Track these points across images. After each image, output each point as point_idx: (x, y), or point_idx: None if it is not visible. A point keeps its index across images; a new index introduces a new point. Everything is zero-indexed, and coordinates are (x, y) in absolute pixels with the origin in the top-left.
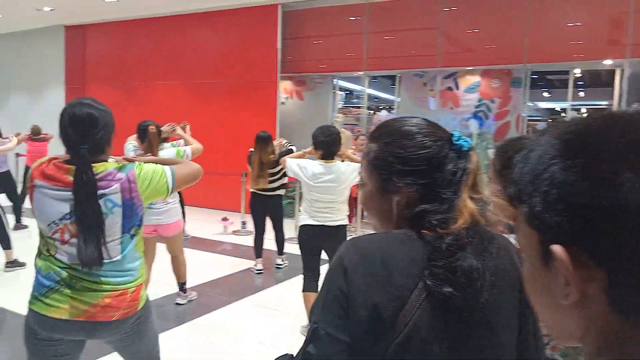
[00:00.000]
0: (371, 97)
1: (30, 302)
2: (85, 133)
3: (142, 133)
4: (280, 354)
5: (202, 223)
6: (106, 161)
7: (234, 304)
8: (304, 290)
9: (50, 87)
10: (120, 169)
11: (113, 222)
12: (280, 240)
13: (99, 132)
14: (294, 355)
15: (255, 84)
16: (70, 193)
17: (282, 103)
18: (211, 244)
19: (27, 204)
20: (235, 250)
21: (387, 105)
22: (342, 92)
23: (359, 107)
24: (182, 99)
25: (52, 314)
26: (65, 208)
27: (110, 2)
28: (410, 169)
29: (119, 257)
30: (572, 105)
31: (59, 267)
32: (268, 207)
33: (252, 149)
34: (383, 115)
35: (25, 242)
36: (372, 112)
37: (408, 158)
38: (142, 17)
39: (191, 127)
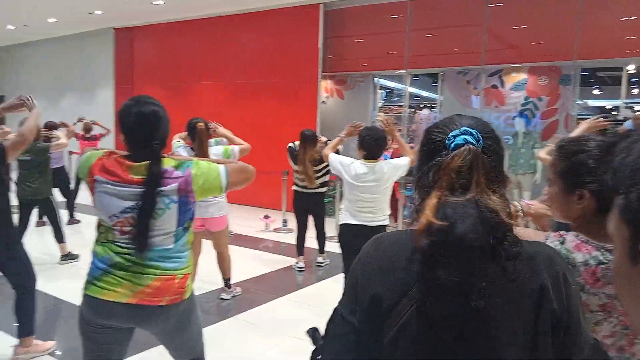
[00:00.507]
0: (412, 96)
1: (85, 288)
2: (153, 130)
3: (192, 130)
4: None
5: (245, 220)
6: (164, 157)
7: (276, 300)
8: None
9: (101, 88)
10: (177, 166)
11: (169, 217)
12: (321, 238)
13: (162, 129)
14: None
15: (297, 83)
16: (130, 189)
17: (323, 102)
18: (253, 241)
19: (79, 199)
20: (277, 248)
21: (428, 104)
22: (383, 91)
23: (400, 106)
24: (225, 99)
25: (105, 296)
26: (126, 203)
27: (157, 5)
28: None
29: (171, 246)
30: (626, 103)
31: (114, 252)
32: (310, 204)
33: (291, 144)
34: (425, 113)
35: (78, 237)
36: (413, 110)
37: None
38: (187, 19)
39: (233, 126)
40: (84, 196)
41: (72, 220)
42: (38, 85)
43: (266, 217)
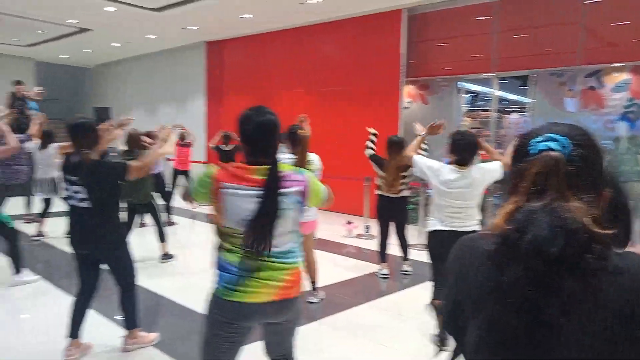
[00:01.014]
0: (499, 100)
1: (225, 294)
2: (272, 138)
3: (293, 137)
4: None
5: (328, 225)
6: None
7: (360, 305)
8: (434, 299)
9: (193, 98)
10: (294, 171)
11: (292, 217)
12: (405, 245)
13: (278, 136)
14: None
15: (379, 89)
16: (256, 192)
17: (406, 107)
18: (336, 246)
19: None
20: (359, 254)
21: (517, 108)
22: (467, 95)
23: (486, 110)
24: (309, 107)
25: (249, 299)
26: (253, 206)
27: (245, 18)
28: None
29: (293, 244)
30: None
31: (246, 257)
32: (394, 210)
33: (370, 146)
34: (514, 118)
35: (174, 238)
36: (500, 115)
37: None
38: (272, 30)
39: (316, 133)
40: (179, 199)
41: (169, 223)
42: (137, 97)
43: (349, 222)
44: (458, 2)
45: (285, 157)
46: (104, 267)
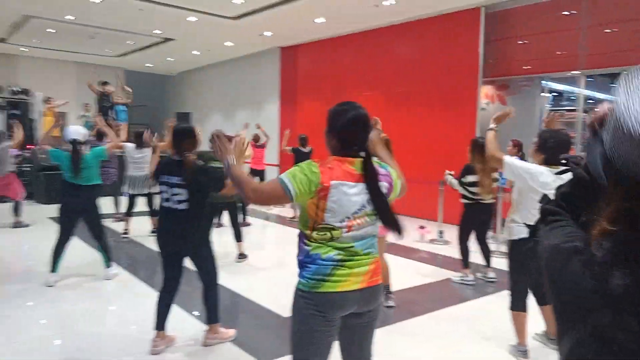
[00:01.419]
0: (586, 99)
1: (314, 287)
2: (366, 131)
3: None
4: None
5: None
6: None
7: (436, 312)
8: (512, 309)
9: (267, 102)
10: (380, 165)
11: None
12: (488, 252)
13: (370, 130)
14: None
15: (455, 90)
16: (361, 185)
17: (483, 109)
18: (408, 251)
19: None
20: (433, 259)
21: None
22: (550, 95)
23: (572, 110)
24: (382, 109)
25: (342, 287)
26: (359, 200)
27: (319, 23)
28: None
29: (374, 234)
30: None
31: (337, 249)
32: (485, 216)
33: (450, 180)
34: None
35: (248, 238)
36: (587, 114)
37: None
38: (346, 34)
39: (390, 135)
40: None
41: (244, 223)
42: (215, 102)
43: (422, 227)
44: None
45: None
46: (187, 264)
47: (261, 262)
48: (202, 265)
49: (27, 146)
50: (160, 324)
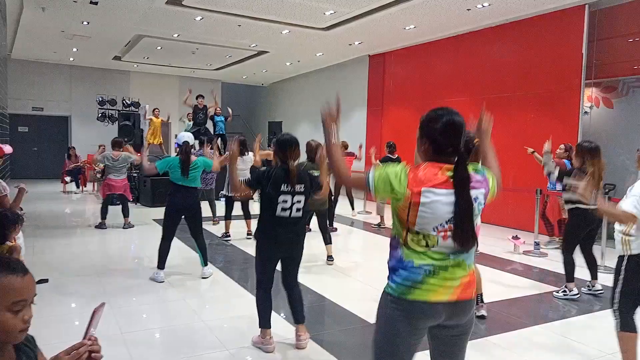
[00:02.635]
0: None
1: (403, 293)
2: (461, 136)
3: (467, 146)
4: None
5: (492, 240)
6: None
7: (532, 327)
8: (621, 329)
9: (355, 110)
10: (476, 171)
11: (478, 217)
12: (595, 263)
13: (465, 136)
14: None
15: (555, 94)
16: (452, 191)
17: (586, 113)
18: (500, 262)
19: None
20: (527, 272)
21: None
22: None
23: None
24: (474, 114)
25: (432, 297)
26: (451, 208)
27: (409, 29)
28: None
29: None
30: None
31: (433, 258)
32: (595, 224)
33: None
34: None
35: (333, 243)
36: None
37: None
38: (436, 39)
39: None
40: (340, 206)
41: (331, 229)
42: (305, 111)
43: (515, 237)
44: None
45: None
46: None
47: (347, 267)
48: (295, 268)
49: (137, 154)
50: (267, 322)
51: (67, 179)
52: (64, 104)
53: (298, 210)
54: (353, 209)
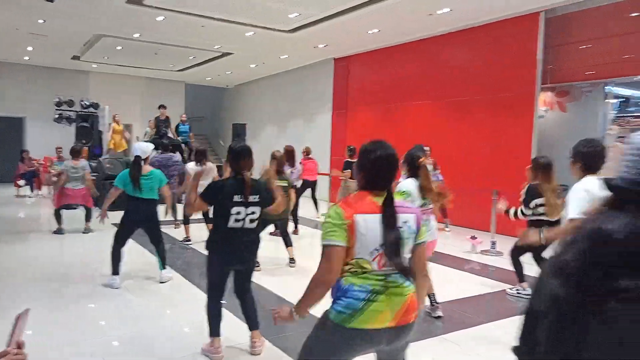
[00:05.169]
0: None
1: (344, 321)
2: (393, 171)
3: (412, 163)
4: None
5: (450, 240)
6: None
7: (486, 324)
8: None
9: (320, 113)
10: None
11: (409, 243)
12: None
13: (396, 170)
14: None
15: (511, 98)
16: (381, 219)
17: (541, 116)
18: (458, 262)
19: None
20: (484, 271)
21: None
22: (616, 100)
23: (639, 116)
24: (436, 118)
25: (373, 325)
26: (381, 232)
27: (372, 33)
28: None
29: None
30: None
31: (372, 281)
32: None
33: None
34: None
35: (297, 246)
36: None
37: None
38: (398, 43)
39: (442, 144)
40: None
41: (295, 232)
42: (270, 113)
43: (473, 237)
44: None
45: (407, 183)
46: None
47: (310, 269)
48: (248, 278)
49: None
50: (216, 331)
51: (21, 182)
52: (18, 104)
53: (252, 221)
54: (317, 210)
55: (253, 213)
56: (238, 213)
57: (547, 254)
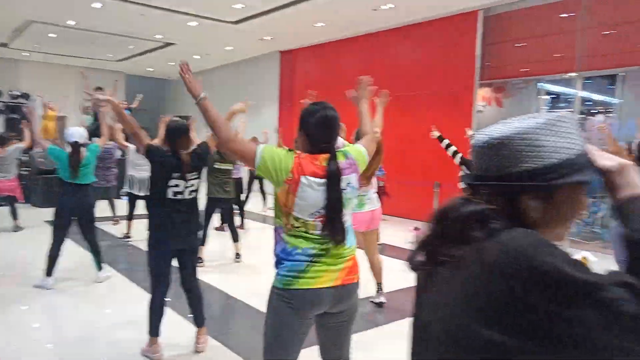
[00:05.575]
0: (583, 101)
1: (288, 284)
2: (335, 131)
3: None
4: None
5: (394, 231)
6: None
7: None
8: None
9: (266, 106)
10: (345, 156)
11: (352, 203)
12: None
13: (338, 129)
14: None
15: (452, 93)
16: (324, 182)
17: (479, 111)
18: (402, 252)
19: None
20: None
21: (603, 109)
22: (547, 97)
23: (569, 112)
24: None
25: (316, 285)
26: (324, 195)
27: (318, 27)
28: None
29: (349, 229)
30: None
31: (315, 242)
32: None
33: (453, 150)
34: (599, 120)
35: (244, 241)
36: (584, 117)
37: None
38: (344, 38)
39: (389, 138)
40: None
41: (241, 227)
42: (215, 106)
43: (416, 229)
44: (540, 0)
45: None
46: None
47: (257, 264)
48: (193, 261)
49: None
50: (156, 331)
51: None
52: None
53: (192, 192)
54: (265, 204)
55: (192, 185)
56: (177, 185)
57: None
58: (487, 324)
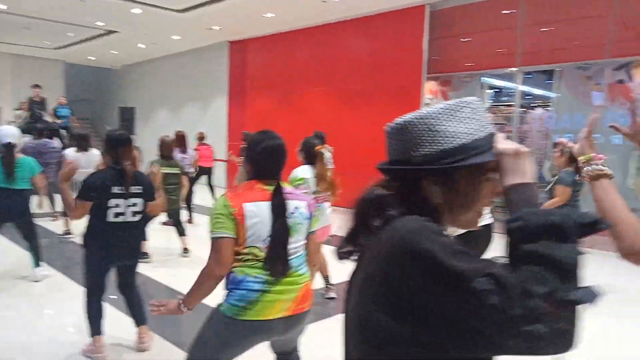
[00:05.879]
0: (523, 95)
1: (237, 314)
2: (281, 161)
3: (309, 152)
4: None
5: (343, 223)
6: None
7: None
8: None
9: (216, 98)
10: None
11: (303, 229)
12: None
13: (284, 160)
14: None
15: (400, 86)
16: (270, 209)
17: (427, 104)
18: None
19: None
20: None
21: (541, 103)
22: (491, 91)
23: (509, 106)
24: (331, 104)
25: (266, 316)
26: (269, 223)
27: (268, 17)
28: None
29: (304, 253)
30: None
31: (264, 270)
32: None
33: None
34: (537, 113)
35: (193, 235)
36: (524, 110)
37: None
38: (295, 29)
39: (339, 131)
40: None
41: (189, 221)
42: (161, 97)
43: None
44: None
45: (304, 169)
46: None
47: (205, 258)
48: (132, 274)
49: None
50: (98, 330)
51: None
52: None
53: (135, 214)
54: (214, 198)
55: (135, 205)
56: (117, 206)
57: None
58: (383, 310)
